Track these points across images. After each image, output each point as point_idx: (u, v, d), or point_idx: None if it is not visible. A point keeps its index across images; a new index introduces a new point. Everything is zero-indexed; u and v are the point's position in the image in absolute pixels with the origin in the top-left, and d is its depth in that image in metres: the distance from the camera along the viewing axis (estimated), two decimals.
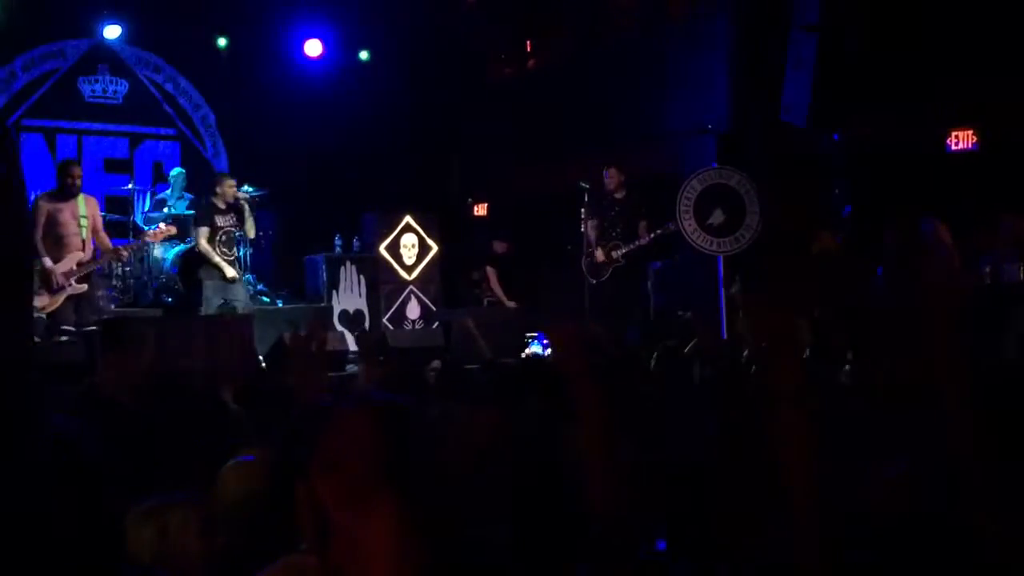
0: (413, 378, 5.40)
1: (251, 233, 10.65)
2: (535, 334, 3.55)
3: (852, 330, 7.45)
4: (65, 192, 9.20)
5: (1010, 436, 2.14)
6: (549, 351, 3.54)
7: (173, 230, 10.30)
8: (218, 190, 10.35)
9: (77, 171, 9.40)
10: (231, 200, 10.36)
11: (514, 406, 4.36)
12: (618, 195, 11.06)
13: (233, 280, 10.09)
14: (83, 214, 9.16)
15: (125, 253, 10.00)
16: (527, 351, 3.47)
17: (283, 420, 4.27)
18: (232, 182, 10.53)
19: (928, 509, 2.35)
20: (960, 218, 9.41)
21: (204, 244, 10.05)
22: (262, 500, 2.73)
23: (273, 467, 3.07)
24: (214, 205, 10.27)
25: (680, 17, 12.70)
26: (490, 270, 12.94)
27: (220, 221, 10.20)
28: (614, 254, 10.94)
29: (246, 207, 10.51)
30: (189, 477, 3.20)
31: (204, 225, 10.12)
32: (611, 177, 11.05)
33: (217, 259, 10.01)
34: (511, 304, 12.53)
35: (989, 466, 1.94)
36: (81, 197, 9.30)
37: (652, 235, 10.80)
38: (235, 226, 10.30)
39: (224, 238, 10.16)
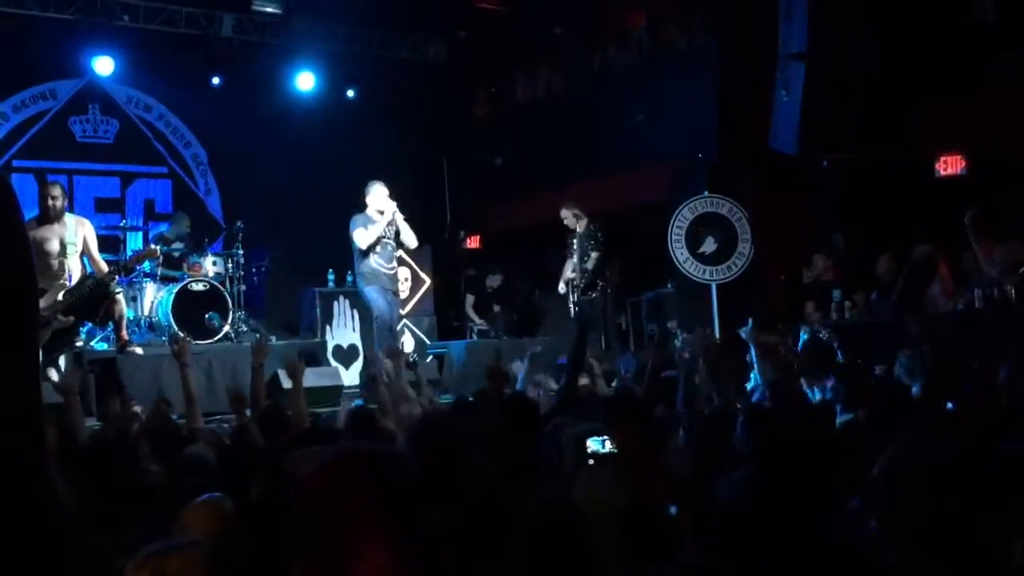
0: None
1: (411, 243, 10.00)
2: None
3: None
4: (48, 216, 8.68)
5: None
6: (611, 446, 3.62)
7: (157, 252, 10.02)
8: (367, 200, 9.71)
9: (55, 191, 8.82)
10: (383, 209, 9.71)
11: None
12: (578, 231, 11.21)
13: (388, 289, 9.76)
14: (71, 240, 8.69)
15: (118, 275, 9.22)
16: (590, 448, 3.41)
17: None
18: (379, 189, 9.72)
19: None
20: (950, 243, 9.44)
21: (362, 248, 9.62)
22: (227, 541, 2.73)
23: (235, 509, 3.08)
24: (367, 216, 9.69)
25: (669, 47, 12.77)
26: (469, 297, 13.04)
27: (376, 230, 9.69)
28: (570, 293, 11.20)
29: (398, 217, 9.76)
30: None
31: (359, 226, 9.62)
32: (566, 217, 11.22)
33: (371, 267, 9.65)
34: (481, 325, 12.63)
35: None
36: (71, 220, 8.85)
37: (582, 273, 11.06)
38: (392, 238, 9.76)
39: (379, 249, 9.66)
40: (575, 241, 11.19)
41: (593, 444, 3.66)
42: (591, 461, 3.63)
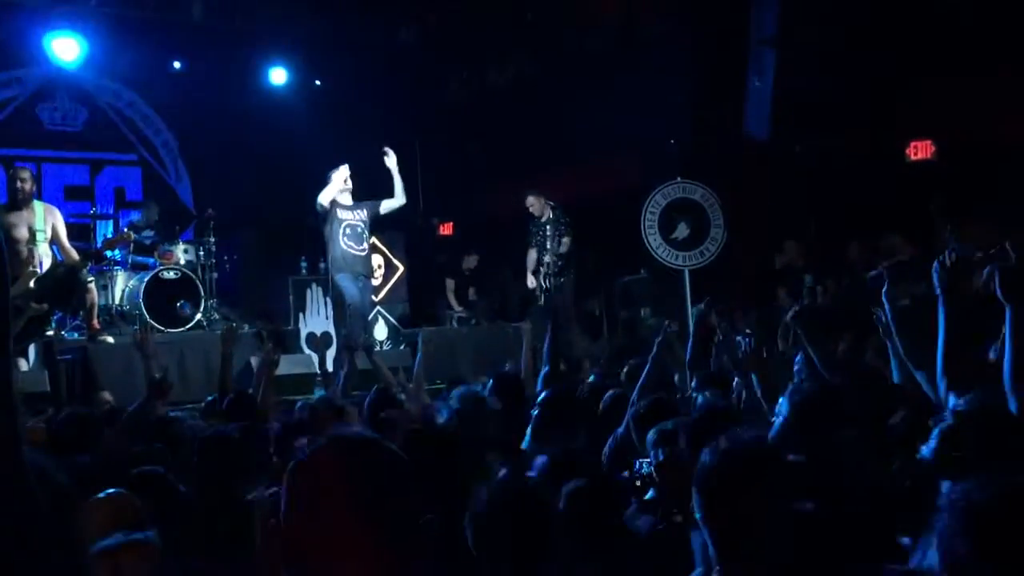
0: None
1: (399, 200, 9.99)
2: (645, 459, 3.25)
3: None
4: (16, 202, 8.61)
5: None
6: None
7: (130, 236, 9.95)
8: (329, 187, 9.75)
9: (23, 174, 8.75)
10: (345, 189, 9.75)
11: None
12: (543, 219, 11.18)
13: (361, 274, 9.78)
14: (40, 227, 8.61)
15: (90, 262, 9.22)
16: (638, 472, 3.13)
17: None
18: (337, 172, 9.75)
19: None
20: (920, 227, 9.52)
21: (331, 245, 9.68)
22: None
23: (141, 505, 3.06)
24: (333, 202, 9.70)
25: (642, 33, 12.77)
26: (449, 282, 12.99)
27: (342, 215, 9.71)
28: (540, 280, 11.15)
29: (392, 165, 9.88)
30: None
31: (326, 224, 9.71)
32: (532, 205, 11.21)
33: (342, 249, 9.64)
34: (461, 312, 12.58)
35: None
36: (40, 207, 8.77)
37: (554, 258, 11.01)
38: (362, 221, 9.79)
39: (348, 231, 9.70)
40: (546, 228, 11.17)
41: (642, 466, 3.36)
42: (637, 483, 3.38)
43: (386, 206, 10.00)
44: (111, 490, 3.08)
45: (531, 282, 11.30)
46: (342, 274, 9.72)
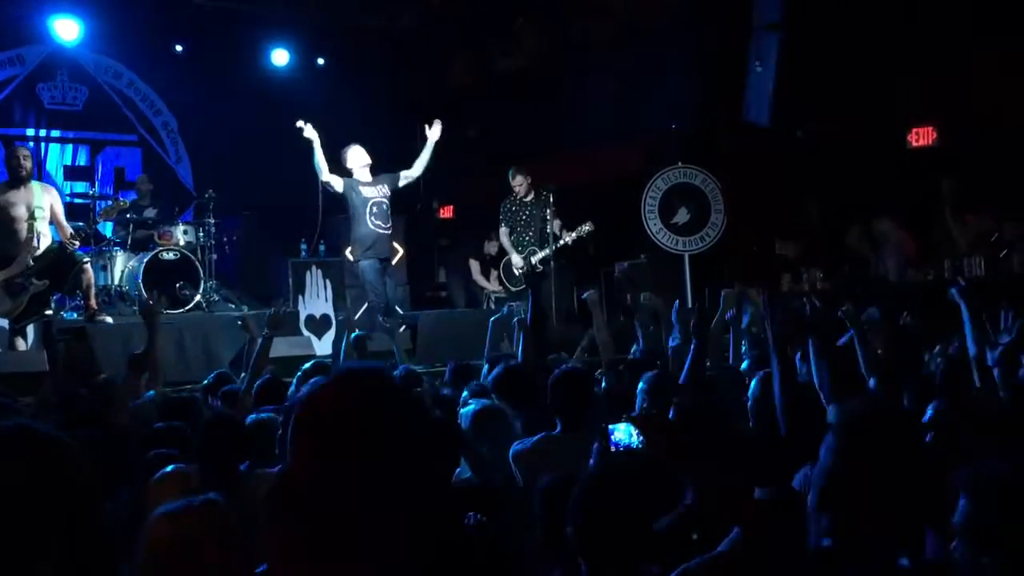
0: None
1: (416, 171, 9.88)
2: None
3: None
4: (15, 180, 8.61)
5: None
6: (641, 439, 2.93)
7: (125, 203, 9.92)
8: (348, 165, 9.66)
9: (22, 153, 8.77)
10: (366, 166, 9.67)
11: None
12: (527, 199, 10.85)
13: (386, 258, 9.66)
14: (38, 204, 8.61)
15: (77, 240, 8.97)
16: (615, 437, 2.83)
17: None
18: (355, 150, 9.70)
19: None
20: (920, 213, 9.51)
21: (356, 225, 9.50)
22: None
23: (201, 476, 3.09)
24: (355, 180, 9.60)
25: (646, 18, 12.71)
26: (473, 263, 12.87)
27: (367, 192, 9.57)
28: (532, 260, 10.74)
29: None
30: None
31: (348, 203, 9.56)
32: (519, 183, 10.82)
33: (369, 229, 9.47)
34: (499, 292, 12.34)
35: None
36: (37, 187, 8.78)
37: (570, 238, 10.43)
38: (385, 197, 9.61)
39: (375, 209, 9.54)
40: (527, 209, 10.81)
41: (620, 434, 2.87)
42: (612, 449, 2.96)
43: (405, 177, 9.86)
44: (171, 467, 3.15)
45: (516, 259, 10.87)
46: (369, 262, 9.52)
